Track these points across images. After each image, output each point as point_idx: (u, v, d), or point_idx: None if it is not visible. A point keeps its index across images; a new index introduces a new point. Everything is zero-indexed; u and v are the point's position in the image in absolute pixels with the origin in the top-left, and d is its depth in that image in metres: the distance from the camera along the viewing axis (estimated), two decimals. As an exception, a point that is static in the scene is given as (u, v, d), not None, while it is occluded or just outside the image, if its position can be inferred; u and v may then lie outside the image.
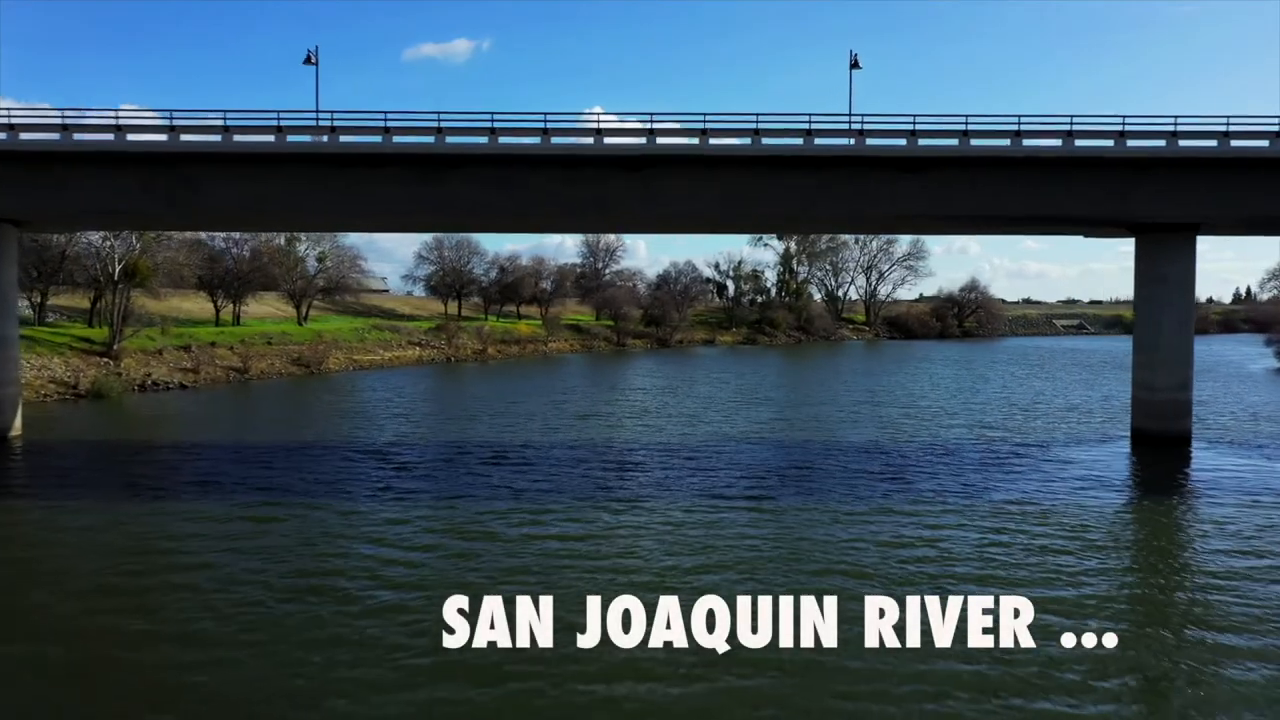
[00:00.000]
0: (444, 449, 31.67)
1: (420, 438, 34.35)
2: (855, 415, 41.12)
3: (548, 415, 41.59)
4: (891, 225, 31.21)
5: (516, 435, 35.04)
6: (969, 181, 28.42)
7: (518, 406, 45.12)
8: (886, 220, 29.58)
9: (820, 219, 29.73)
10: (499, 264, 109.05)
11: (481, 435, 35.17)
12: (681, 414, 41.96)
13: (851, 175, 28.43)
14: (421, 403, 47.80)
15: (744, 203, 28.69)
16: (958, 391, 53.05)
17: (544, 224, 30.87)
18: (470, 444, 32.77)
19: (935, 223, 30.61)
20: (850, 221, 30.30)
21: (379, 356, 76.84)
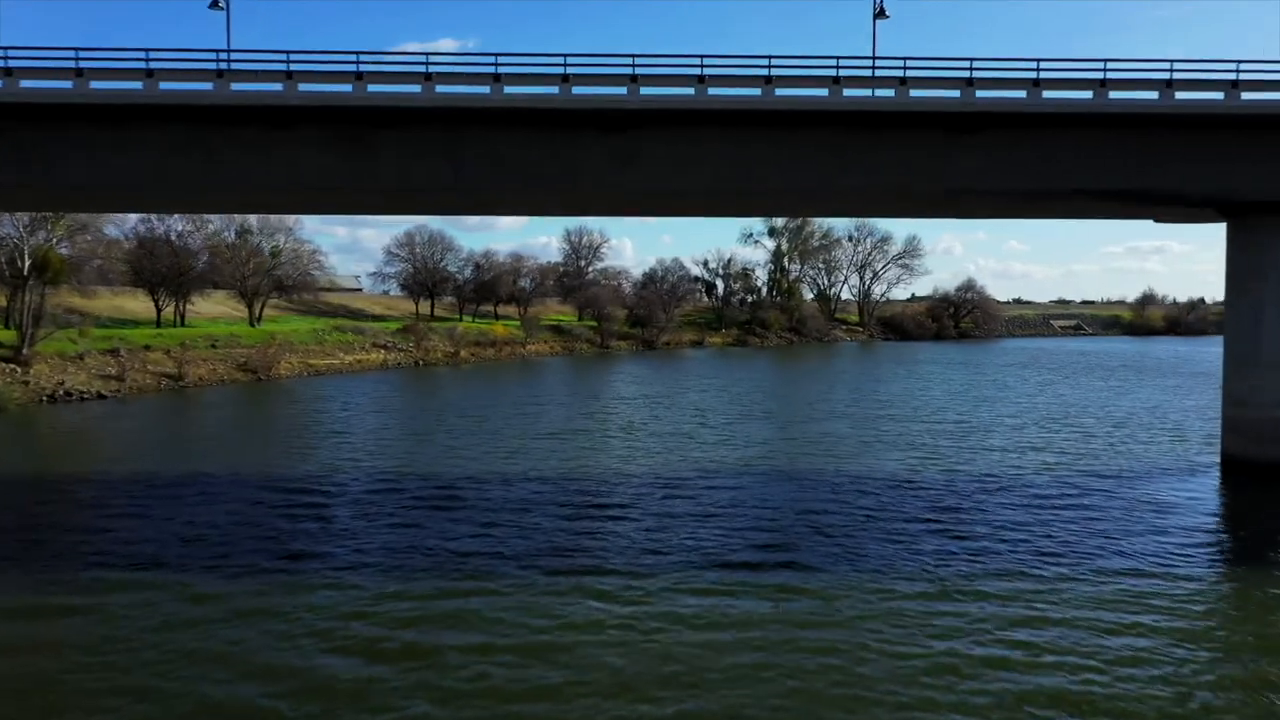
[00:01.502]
0: (377, 484, 25.33)
1: (352, 466, 27.98)
2: (874, 433, 35.05)
3: (514, 433, 35.29)
4: (937, 203, 25.13)
5: (472, 462, 28.72)
6: (1039, 146, 22.40)
7: (482, 422, 38.78)
8: (932, 196, 23.53)
9: (848, 195, 23.65)
10: (474, 261, 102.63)
11: (428, 462, 28.83)
12: (669, 432, 35.75)
13: (891, 137, 22.36)
14: (370, 416, 41.39)
15: (751, 173, 22.55)
16: (980, 401, 47.10)
17: (497, 201, 24.60)
18: (411, 476, 26.43)
19: (991, 201, 24.59)
20: (885, 198, 24.27)
21: (338, 361, 70.25)
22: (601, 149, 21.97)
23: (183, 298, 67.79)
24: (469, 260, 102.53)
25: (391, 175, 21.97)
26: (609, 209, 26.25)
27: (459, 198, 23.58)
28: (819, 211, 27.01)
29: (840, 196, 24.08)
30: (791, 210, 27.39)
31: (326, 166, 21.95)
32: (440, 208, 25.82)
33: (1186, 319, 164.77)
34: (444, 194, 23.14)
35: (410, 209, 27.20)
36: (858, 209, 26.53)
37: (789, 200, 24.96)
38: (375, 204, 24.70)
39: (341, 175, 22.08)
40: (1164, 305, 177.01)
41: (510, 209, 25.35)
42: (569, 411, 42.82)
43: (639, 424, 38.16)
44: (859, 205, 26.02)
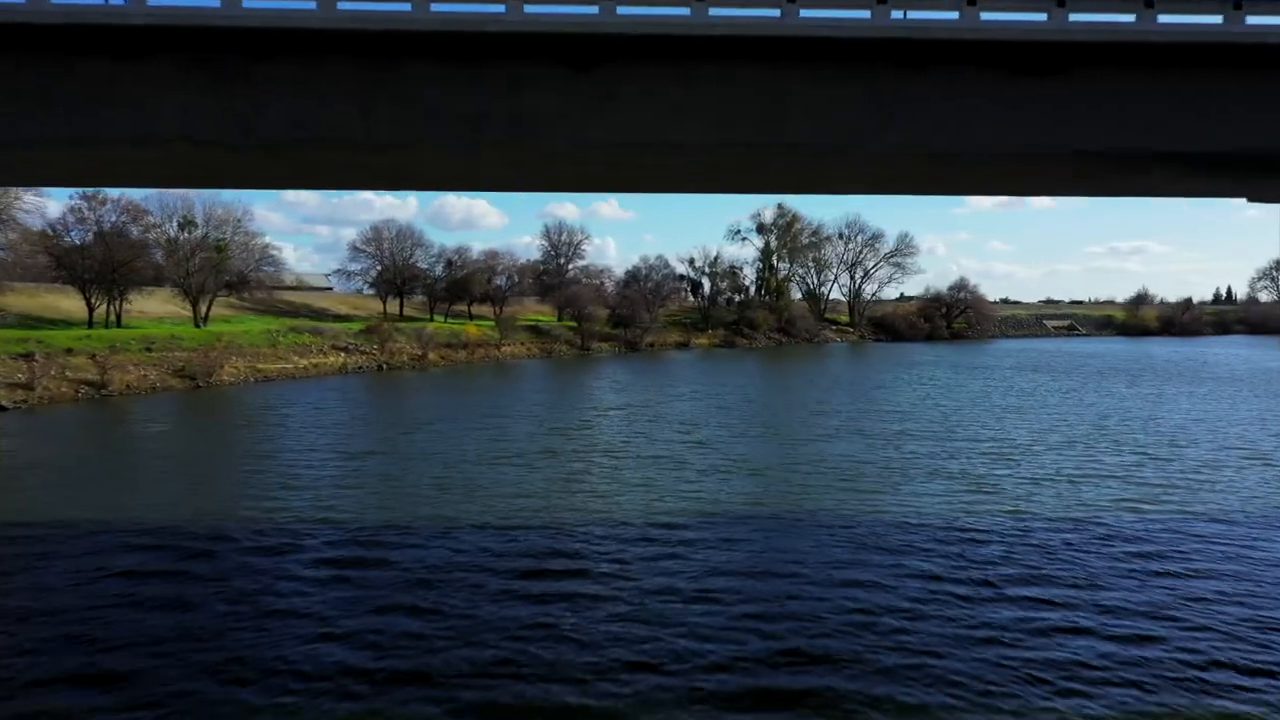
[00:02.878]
0: (274, 535, 19.48)
1: (247, 509, 22.10)
2: (898, 455, 29.52)
3: (469, 457, 29.50)
4: (993, 171, 19.60)
5: (404, 502, 22.93)
6: (1140, 93, 16.89)
7: (435, 440, 32.96)
8: (999, 157, 17.93)
9: (885, 158, 18.06)
10: (446, 258, 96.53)
11: (351, 502, 22.99)
12: (654, 455, 30.04)
13: (945, 80, 16.81)
14: (306, 432, 35.43)
15: (763, 123, 16.95)
16: (1005, 412, 41.68)
17: (424, 165, 18.74)
18: (325, 522, 20.59)
19: (1060, 168, 19.05)
20: (932, 162, 18.74)
21: (291, 365, 64.07)
22: (565, 89, 16.24)
23: (118, 296, 61.34)
24: (440, 257, 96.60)
25: (279, 125, 16.10)
26: (574, 176, 20.39)
27: (372, 158, 17.70)
28: (843, 183, 21.13)
29: (875, 161, 18.48)
30: (808, 182, 21.49)
31: (189, 111, 16.09)
32: (348, 175, 19.69)
33: (1181, 319, 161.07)
34: (352, 153, 17.30)
35: (309, 179, 21.01)
36: (892, 179, 20.61)
37: (808, 165, 19.35)
38: (260, 170, 18.82)
39: (210, 123, 16.20)
40: (1157, 305, 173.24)
41: (441, 177, 18.85)
42: (539, 426, 37.04)
43: (619, 444, 32.43)
44: (895, 174, 20.32)
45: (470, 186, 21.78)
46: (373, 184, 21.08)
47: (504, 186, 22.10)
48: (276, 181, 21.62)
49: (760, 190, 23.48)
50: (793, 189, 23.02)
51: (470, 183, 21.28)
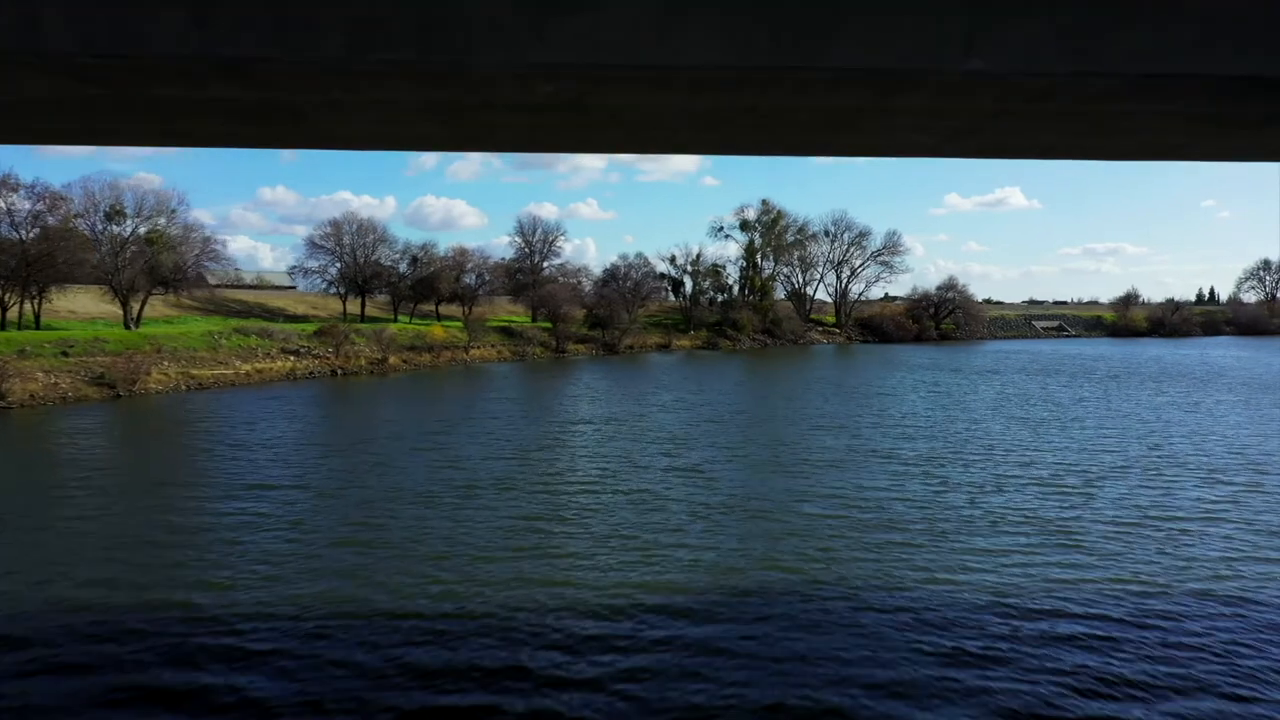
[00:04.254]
0: (102, 630, 13.77)
1: (83, 587, 16.35)
2: (940, 494, 24.15)
3: (406, 493, 23.79)
4: (1134, 133, 13.93)
5: (311, 566, 17.25)
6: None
7: (365, 469, 27.21)
8: (1129, 85, 12.48)
9: (972, 87, 12.55)
10: (411, 254, 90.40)
11: (222, 574, 17.27)
12: (632, 490, 24.45)
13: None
14: (214, 458, 29.56)
15: (790, 36, 11.33)
16: (1035, 426, 36.50)
17: (296, 100, 12.64)
18: (170, 607, 14.89)
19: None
20: (1031, 95, 13.11)
21: (231, 371, 57.86)
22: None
23: (35, 294, 54.88)
24: (405, 253, 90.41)
25: (60, 36, 10.40)
26: (516, 126, 14.49)
27: (222, 86, 11.97)
28: (894, 136, 15.31)
29: (955, 93, 13.01)
30: (846, 134, 15.49)
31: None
32: (198, 124, 13.27)
33: (1171, 320, 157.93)
34: (185, 77, 11.58)
35: (139, 124, 14.36)
36: (969, 129, 14.48)
37: (855, 99, 13.65)
38: (79, 112, 12.97)
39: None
40: (1146, 306, 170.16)
41: (325, 122, 12.16)
42: (497, 448, 31.37)
43: (590, 475, 26.80)
44: (976, 116, 14.48)
45: (362, 142, 14.56)
46: (246, 137, 14.71)
47: (421, 144, 15.90)
48: (61, 134, 15.31)
49: (776, 149, 16.81)
50: (823, 145, 15.83)
51: (365, 139, 15.39)
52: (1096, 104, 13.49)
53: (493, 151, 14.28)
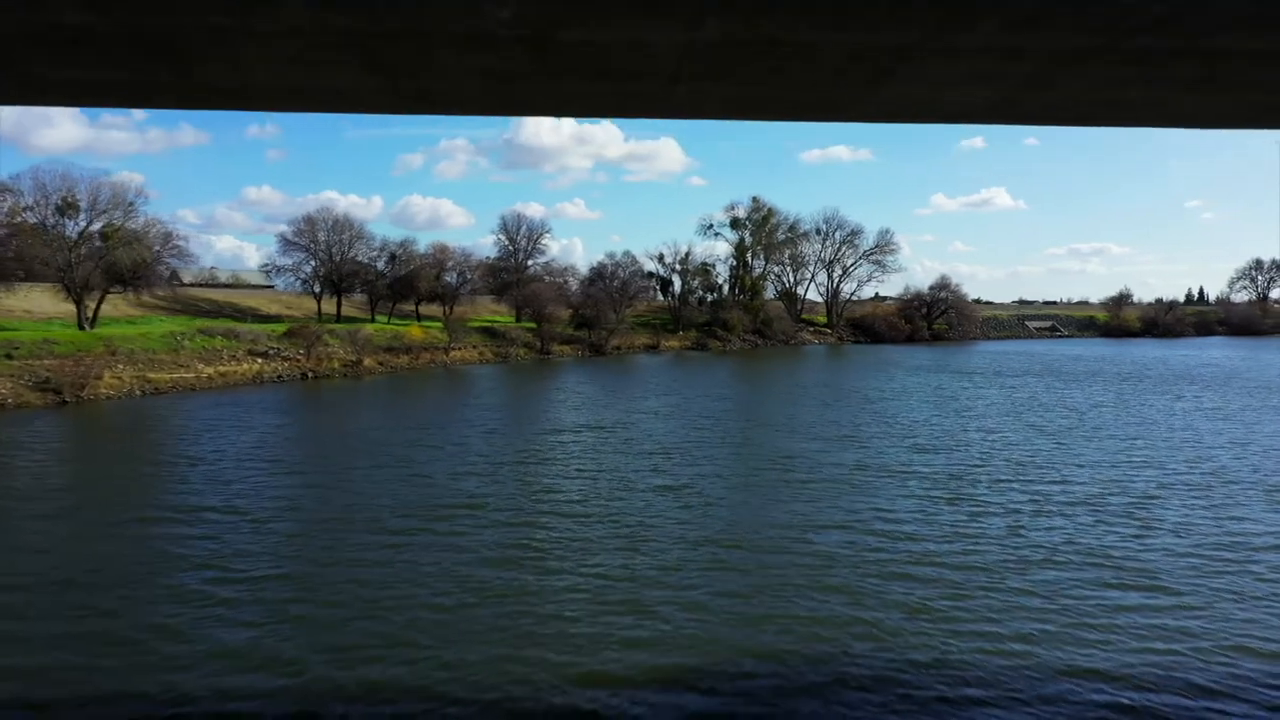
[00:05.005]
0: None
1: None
2: (979, 527, 21.12)
3: (346, 522, 20.56)
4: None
5: (213, 636, 14.05)
6: None
7: (309, 491, 23.97)
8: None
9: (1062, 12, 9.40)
10: (389, 251, 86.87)
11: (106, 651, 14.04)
12: (617, 518, 21.33)
13: None
14: (134, 479, 26.24)
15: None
16: (1062, 435, 33.59)
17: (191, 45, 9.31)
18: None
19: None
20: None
21: (192, 374, 54.32)
22: None
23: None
24: (383, 250, 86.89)
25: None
26: (461, 77, 10.91)
27: (77, 11, 8.85)
28: (940, 100, 12.00)
29: (1035, 23, 9.88)
30: (887, 96, 12.35)
31: None
32: (50, 76, 9.60)
33: (1164, 320, 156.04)
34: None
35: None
36: (1048, 88, 10.80)
37: (902, 36, 10.36)
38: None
39: None
40: (1138, 306, 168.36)
41: (216, 66, 9.07)
42: (469, 463, 28.17)
43: (572, 496, 23.63)
44: (1055, 67, 11.07)
45: (278, 97, 10.37)
46: (116, 89, 10.81)
47: (349, 103, 12.19)
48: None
49: (796, 110, 12.70)
50: (852, 102, 11.33)
51: (272, 86, 12.06)
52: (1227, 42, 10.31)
53: (442, 112, 12.23)
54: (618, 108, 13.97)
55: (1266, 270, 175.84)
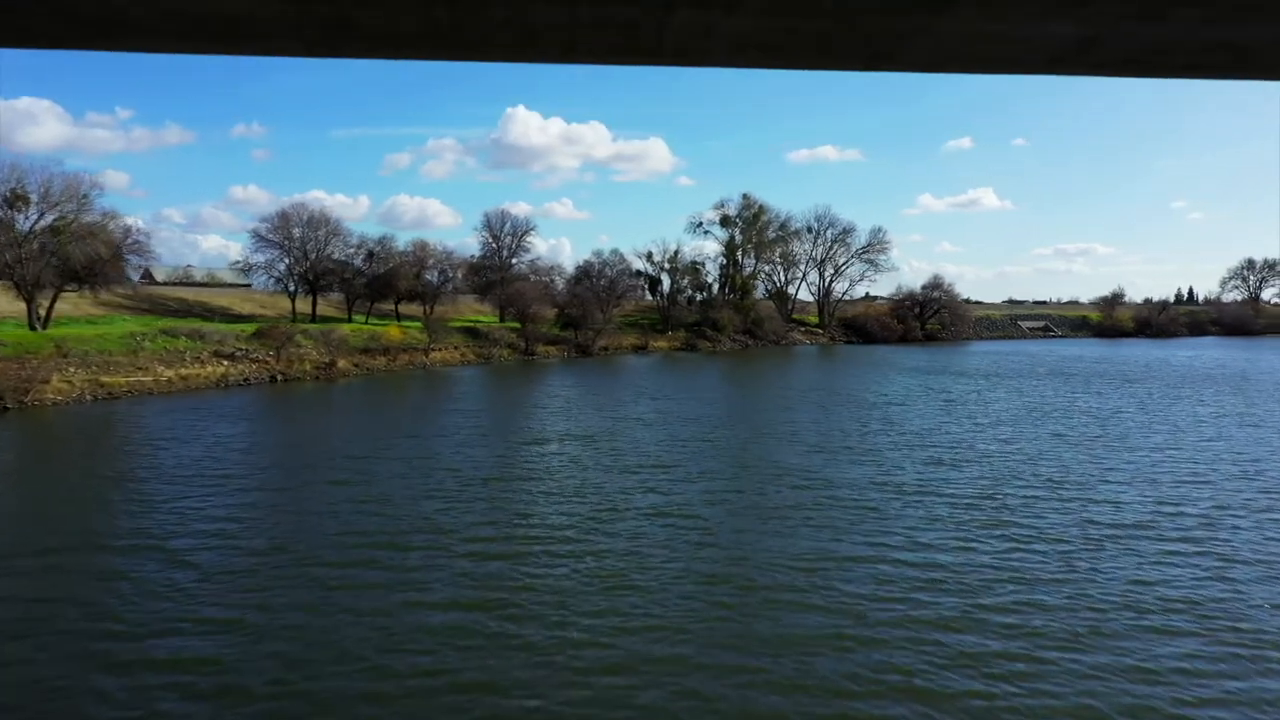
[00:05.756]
0: None
1: None
2: (1019, 555, 18.26)
3: (281, 558, 17.50)
4: None
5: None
6: None
7: (248, 514, 20.87)
8: None
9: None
10: (367, 249, 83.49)
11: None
12: (602, 551, 18.37)
13: None
14: (51, 501, 23.06)
15: None
16: (1092, 446, 30.82)
17: None
18: None
19: None
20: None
21: (150, 378, 50.95)
22: None
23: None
24: (361, 248, 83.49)
25: None
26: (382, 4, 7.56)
27: None
28: (1012, 41, 9.17)
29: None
30: (947, 31, 9.50)
31: None
32: None
33: (1157, 320, 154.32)
34: None
35: None
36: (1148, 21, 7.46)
37: None
38: None
39: None
40: (1131, 306, 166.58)
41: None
42: (437, 478, 25.11)
43: (553, 522, 20.62)
44: None
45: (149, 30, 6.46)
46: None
47: (244, 40, 8.40)
48: None
49: (838, 53, 9.14)
50: (910, 37, 7.22)
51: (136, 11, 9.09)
52: None
53: (366, 54, 9.59)
54: (594, 46, 10.53)
55: (1258, 270, 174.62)
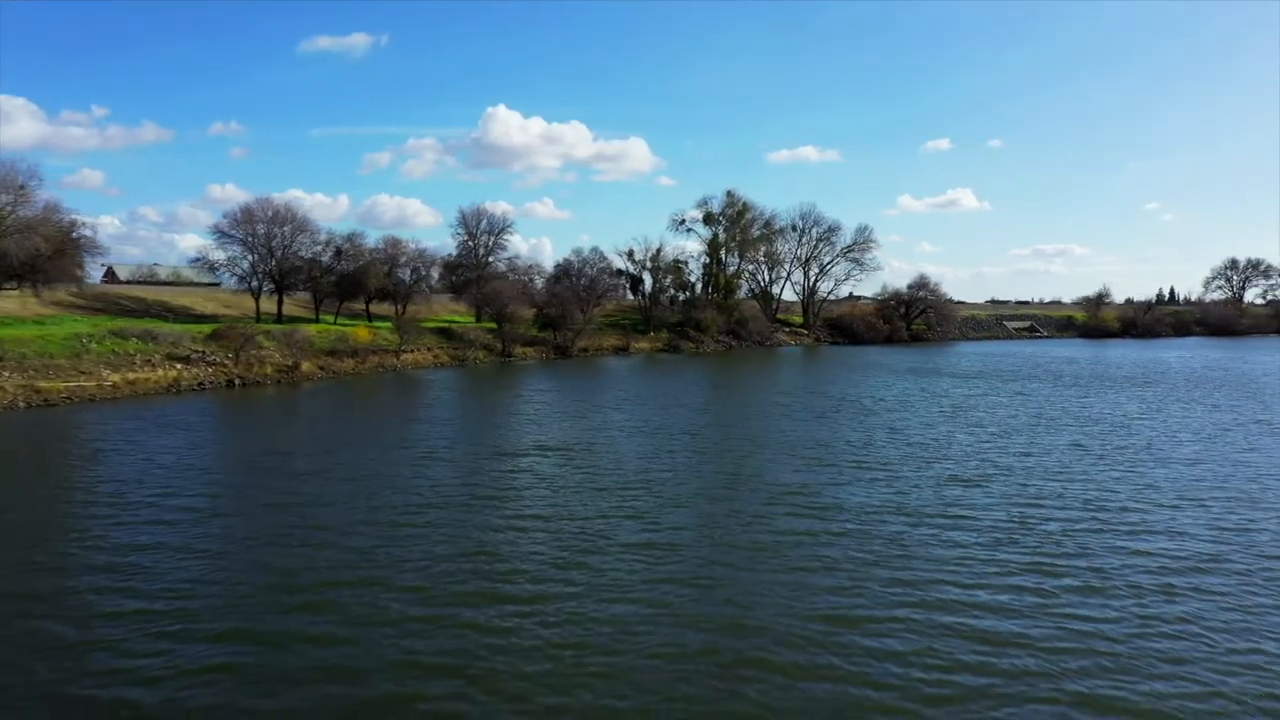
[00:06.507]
0: None
1: None
2: (1093, 613, 15.26)
3: (186, 612, 14.22)
4: None
5: None
6: None
7: (155, 547, 17.54)
8: None
9: None
10: (335, 245, 79.70)
11: None
12: (576, 595, 15.22)
13: None
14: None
15: None
16: (1126, 462, 27.99)
17: None
18: None
19: None
20: None
21: (93, 383, 47.17)
22: None
23: None
24: (329, 244, 79.69)
25: None
26: None
27: None
28: None
29: None
30: None
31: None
32: None
33: (1143, 320, 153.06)
34: None
35: None
36: None
37: None
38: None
39: None
40: (1116, 306, 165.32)
41: None
42: (387, 504, 21.83)
43: (517, 563, 17.40)
44: None
45: None
46: None
47: None
48: None
49: None
50: None
51: None
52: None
53: None
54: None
55: (1242, 270, 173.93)
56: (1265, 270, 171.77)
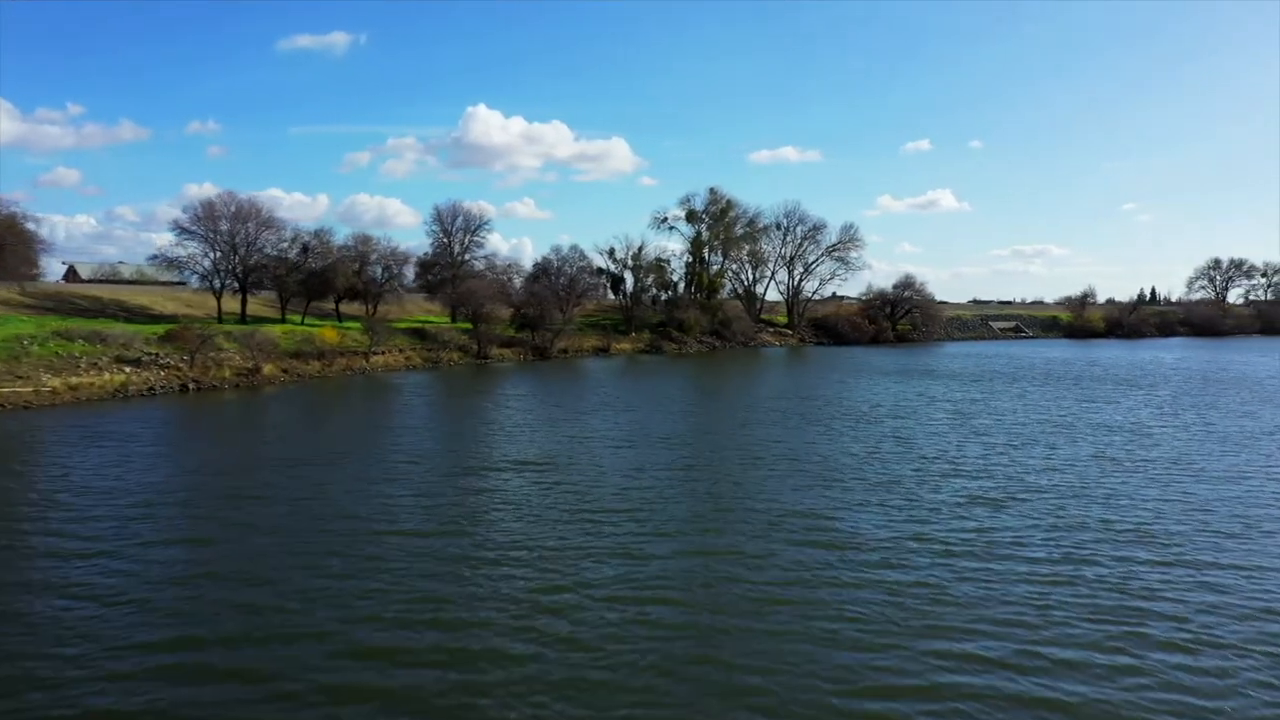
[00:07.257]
0: None
1: None
2: (1192, 692, 12.41)
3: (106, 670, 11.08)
4: None
5: None
6: None
7: (33, 592, 14.39)
8: None
9: None
10: (302, 242, 76.11)
11: None
12: (556, 657, 12.20)
13: None
14: None
15: None
16: (1191, 474, 25.38)
17: None
18: None
19: None
20: None
21: (29, 389, 43.55)
22: None
23: None
24: (296, 241, 76.08)
25: None
26: None
27: None
28: None
29: None
30: None
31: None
32: None
33: (1128, 320, 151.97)
34: None
35: None
36: None
37: None
38: None
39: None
40: (1101, 306, 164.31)
41: None
42: (334, 535, 18.73)
43: (482, 614, 14.41)
44: None
45: None
46: None
47: None
48: None
49: None
50: None
51: None
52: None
53: None
54: None
55: (1225, 270, 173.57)
56: (1248, 270, 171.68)
